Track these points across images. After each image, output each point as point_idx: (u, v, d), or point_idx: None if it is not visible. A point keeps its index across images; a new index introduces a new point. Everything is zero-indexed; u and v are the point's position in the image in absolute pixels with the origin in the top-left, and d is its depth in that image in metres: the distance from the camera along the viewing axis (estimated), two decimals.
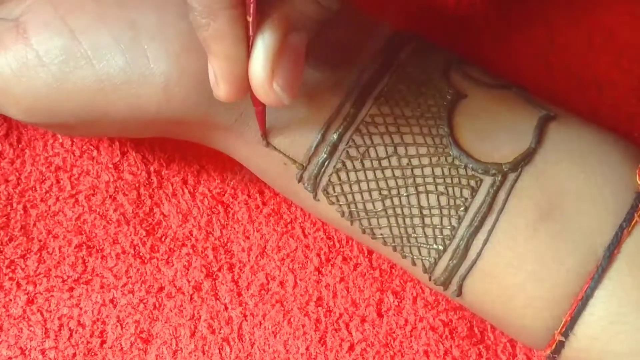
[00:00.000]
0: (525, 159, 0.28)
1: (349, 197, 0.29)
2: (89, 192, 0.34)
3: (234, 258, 0.34)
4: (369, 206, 0.29)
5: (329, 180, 0.29)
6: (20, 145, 0.35)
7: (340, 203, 0.29)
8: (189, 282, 0.33)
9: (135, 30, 0.27)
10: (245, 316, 0.33)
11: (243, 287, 0.33)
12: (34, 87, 0.27)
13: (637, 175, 0.27)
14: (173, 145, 0.35)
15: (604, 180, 0.27)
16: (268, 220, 0.34)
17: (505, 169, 0.28)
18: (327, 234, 0.34)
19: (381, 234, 0.29)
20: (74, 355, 0.32)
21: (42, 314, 0.33)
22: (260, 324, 0.33)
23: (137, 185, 0.34)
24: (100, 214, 0.34)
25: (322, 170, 0.29)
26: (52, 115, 0.28)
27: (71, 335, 0.32)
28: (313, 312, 0.33)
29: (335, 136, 0.29)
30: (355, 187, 0.29)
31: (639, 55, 0.36)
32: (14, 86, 0.27)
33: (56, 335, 0.32)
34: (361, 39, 0.30)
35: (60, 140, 0.35)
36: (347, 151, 0.29)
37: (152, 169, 0.35)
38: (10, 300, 0.33)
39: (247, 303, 0.33)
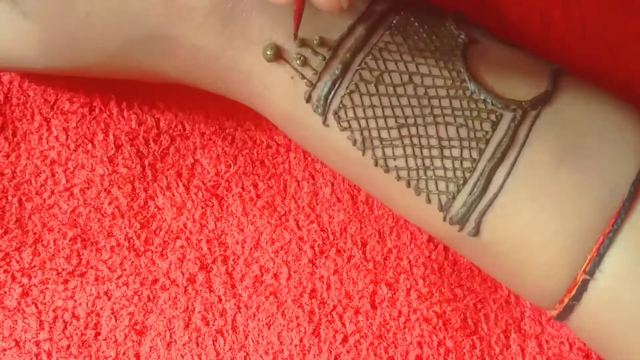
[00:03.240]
0: (544, 100, 0.27)
1: (362, 122, 0.28)
2: (83, 186, 0.34)
3: (228, 250, 0.34)
4: (384, 134, 0.28)
5: (341, 102, 0.28)
6: (15, 139, 0.35)
7: (353, 129, 0.28)
8: (183, 274, 0.33)
9: None
10: (239, 308, 0.33)
11: (237, 279, 0.33)
12: None
13: None
14: (167, 139, 0.35)
15: (624, 124, 0.27)
16: (262, 213, 0.34)
17: (525, 106, 0.27)
18: (321, 226, 0.34)
19: (395, 166, 0.28)
20: (68, 347, 0.32)
21: (36, 306, 0.33)
22: (254, 315, 0.33)
23: (131, 178, 0.35)
24: (95, 207, 0.34)
25: (334, 90, 0.28)
26: None
27: (65, 327, 0.33)
28: (307, 304, 0.33)
29: (348, 55, 0.28)
30: (369, 112, 0.27)
31: (633, 49, 0.36)
32: None
33: (51, 327, 0.32)
34: None
35: (55, 134, 0.35)
36: (360, 73, 0.27)
37: (146, 162, 0.35)
38: (5, 292, 0.33)
39: (241, 295, 0.33)
